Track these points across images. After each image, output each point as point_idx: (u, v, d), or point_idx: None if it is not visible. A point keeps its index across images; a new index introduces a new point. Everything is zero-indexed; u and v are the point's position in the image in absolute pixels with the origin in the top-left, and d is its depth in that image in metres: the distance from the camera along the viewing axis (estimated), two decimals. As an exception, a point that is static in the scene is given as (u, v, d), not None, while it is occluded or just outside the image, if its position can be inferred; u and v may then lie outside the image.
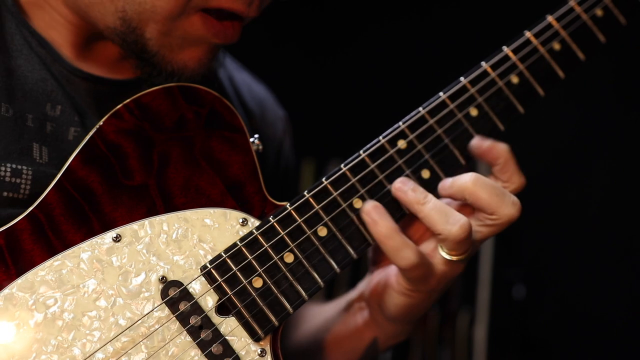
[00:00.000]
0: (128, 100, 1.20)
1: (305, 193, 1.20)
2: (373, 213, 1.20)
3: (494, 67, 1.30)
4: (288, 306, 1.16)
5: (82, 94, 1.28)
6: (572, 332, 3.93)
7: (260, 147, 1.24)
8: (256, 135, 1.25)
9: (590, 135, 3.88)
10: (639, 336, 3.77)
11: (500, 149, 1.25)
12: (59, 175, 1.16)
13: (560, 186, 3.96)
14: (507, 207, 1.23)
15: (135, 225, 1.15)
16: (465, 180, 1.21)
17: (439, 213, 1.19)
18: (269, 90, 1.62)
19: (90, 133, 1.18)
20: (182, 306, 1.13)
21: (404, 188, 1.21)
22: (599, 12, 1.36)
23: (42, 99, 1.24)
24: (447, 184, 1.23)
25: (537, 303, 3.99)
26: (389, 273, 1.28)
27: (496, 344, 3.84)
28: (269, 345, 1.15)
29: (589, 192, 3.92)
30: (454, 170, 1.27)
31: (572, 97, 3.43)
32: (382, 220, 1.19)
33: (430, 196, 1.21)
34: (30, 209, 1.14)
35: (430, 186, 1.24)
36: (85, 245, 1.13)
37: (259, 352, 1.14)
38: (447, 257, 1.22)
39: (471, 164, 1.32)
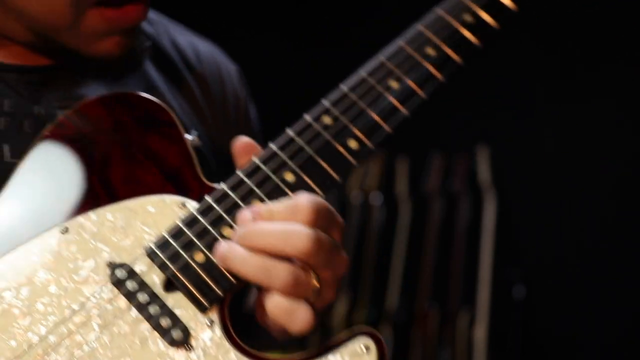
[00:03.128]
0: (68, 112, 1.30)
1: (238, 172, 1.28)
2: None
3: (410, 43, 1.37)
4: (231, 278, 1.23)
5: (11, 84, 1.37)
6: (572, 333, 3.94)
7: (200, 143, 1.33)
8: (195, 132, 1.34)
9: (590, 135, 3.91)
10: (638, 337, 3.78)
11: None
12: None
13: (560, 186, 3.99)
14: (295, 243, 1.19)
15: (81, 218, 1.24)
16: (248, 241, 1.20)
17: (262, 271, 1.19)
18: (216, 47, 1.66)
19: (36, 140, 1.28)
20: (130, 285, 1.20)
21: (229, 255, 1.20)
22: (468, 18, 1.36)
23: None
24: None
25: (537, 303, 4.01)
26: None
27: (496, 344, 3.87)
28: (216, 315, 1.22)
29: (589, 192, 3.94)
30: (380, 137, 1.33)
31: (571, 97, 3.48)
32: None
33: (244, 257, 1.19)
34: None
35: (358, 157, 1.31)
36: (36, 240, 1.22)
37: (207, 323, 1.21)
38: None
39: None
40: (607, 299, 3.79)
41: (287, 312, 1.19)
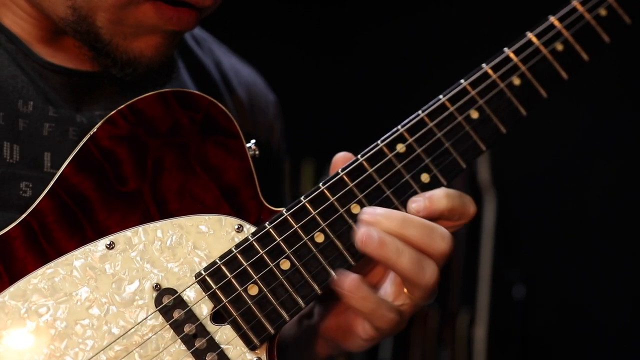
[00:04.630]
0: (122, 107, 1.18)
1: (302, 198, 1.18)
2: (348, 285, 1.17)
3: (495, 68, 1.28)
4: (284, 314, 1.14)
5: (57, 87, 1.26)
6: (571, 332, 3.92)
7: (257, 152, 1.22)
8: (253, 141, 1.23)
9: (590, 136, 3.87)
10: (638, 336, 3.76)
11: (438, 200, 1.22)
12: (52, 182, 1.14)
13: (560, 186, 3.96)
14: (438, 243, 1.19)
15: (128, 233, 1.13)
16: (395, 224, 1.18)
17: (415, 264, 1.17)
18: (257, 74, 1.59)
19: (84, 140, 1.16)
20: (176, 314, 1.11)
21: (372, 244, 1.17)
22: (602, 11, 1.34)
23: (13, 96, 1.22)
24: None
25: (537, 303, 3.99)
26: (350, 319, 1.25)
27: (496, 344, 3.84)
28: (265, 354, 1.13)
29: (589, 192, 3.91)
30: (455, 174, 1.25)
31: (572, 98, 3.41)
32: (360, 291, 1.17)
33: (402, 246, 1.17)
34: (23, 216, 1.12)
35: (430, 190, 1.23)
36: (78, 252, 1.11)
37: (255, 362, 1.13)
38: (414, 302, 1.22)
39: (471, 167, 1.30)
40: (606, 298, 3.77)
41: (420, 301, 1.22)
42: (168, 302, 1.11)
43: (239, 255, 1.14)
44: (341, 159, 1.24)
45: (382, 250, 1.16)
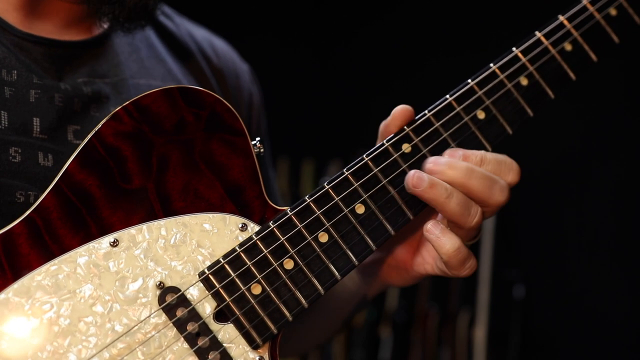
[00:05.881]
0: (127, 103, 1.18)
1: (306, 198, 1.18)
2: (434, 229, 1.20)
3: (502, 68, 1.28)
4: (287, 314, 1.14)
5: (37, 58, 1.28)
6: (571, 332, 3.92)
7: (262, 150, 1.22)
8: (257, 139, 1.23)
9: (590, 136, 3.87)
10: (638, 336, 3.76)
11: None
12: (56, 179, 1.14)
13: (560, 186, 3.95)
14: (497, 196, 1.22)
15: (133, 230, 1.13)
16: (459, 174, 1.20)
17: (463, 207, 1.19)
18: (229, 44, 1.60)
19: (89, 136, 1.16)
20: (180, 312, 1.11)
21: (423, 184, 1.19)
22: (613, 11, 1.33)
23: None
24: (438, 170, 1.22)
25: (537, 303, 3.98)
26: (401, 256, 1.32)
27: (496, 344, 3.83)
28: (267, 353, 1.13)
29: (589, 192, 3.91)
30: None
31: (574, 98, 3.41)
32: (445, 235, 1.20)
33: (451, 189, 1.19)
34: (28, 212, 1.12)
35: None
36: (82, 249, 1.11)
37: (257, 360, 1.13)
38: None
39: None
40: (606, 298, 3.76)
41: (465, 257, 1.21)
42: (171, 301, 1.11)
43: (242, 254, 1.14)
44: (399, 113, 1.25)
45: (432, 191, 1.18)
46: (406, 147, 1.23)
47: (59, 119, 1.25)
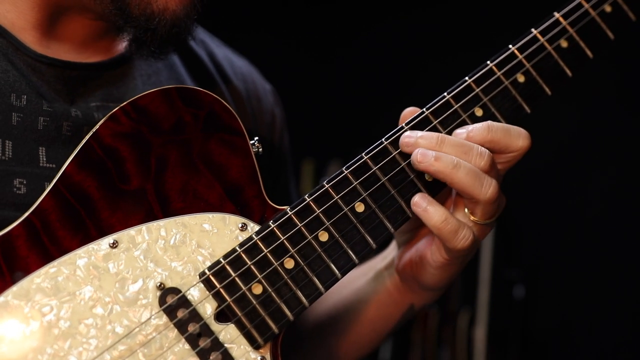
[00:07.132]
0: (125, 103, 1.17)
1: (306, 197, 1.18)
2: (422, 202, 1.18)
3: (499, 66, 1.28)
4: (288, 313, 1.14)
5: (50, 81, 1.25)
6: (571, 332, 3.91)
7: (260, 149, 1.22)
8: (256, 138, 1.22)
9: (591, 136, 3.87)
10: (638, 336, 3.76)
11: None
12: (54, 180, 1.13)
13: (561, 186, 3.95)
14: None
15: (132, 231, 1.13)
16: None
17: (473, 177, 1.18)
18: (252, 65, 1.59)
19: (87, 137, 1.15)
20: (180, 313, 1.10)
21: (428, 159, 1.18)
22: (607, 8, 1.33)
23: (5, 90, 1.21)
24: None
25: (537, 303, 3.98)
26: (421, 249, 1.28)
27: (496, 344, 3.83)
28: (269, 353, 1.13)
29: (589, 192, 3.90)
30: None
31: (572, 97, 3.40)
32: (432, 206, 1.18)
33: (458, 160, 1.18)
34: (26, 214, 1.11)
35: (435, 190, 1.22)
36: (81, 251, 1.10)
37: (259, 361, 1.12)
38: (480, 222, 1.22)
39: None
40: (606, 298, 3.76)
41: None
42: (172, 302, 1.10)
43: (243, 254, 1.14)
44: (409, 113, 1.25)
45: (437, 163, 1.18)
46: None
47: (67, 149, 1.23)
